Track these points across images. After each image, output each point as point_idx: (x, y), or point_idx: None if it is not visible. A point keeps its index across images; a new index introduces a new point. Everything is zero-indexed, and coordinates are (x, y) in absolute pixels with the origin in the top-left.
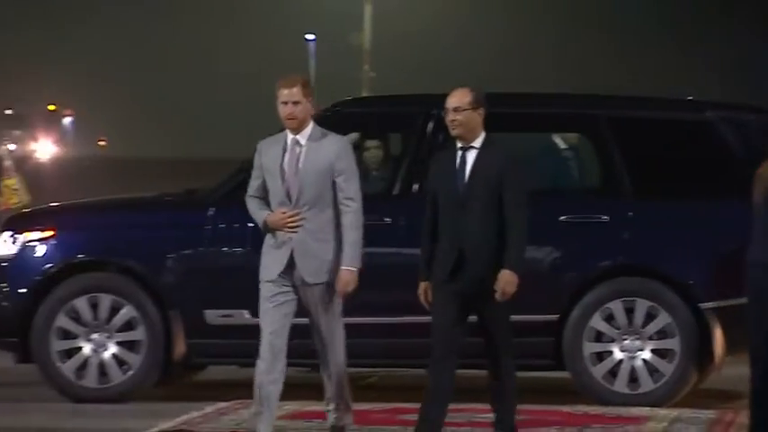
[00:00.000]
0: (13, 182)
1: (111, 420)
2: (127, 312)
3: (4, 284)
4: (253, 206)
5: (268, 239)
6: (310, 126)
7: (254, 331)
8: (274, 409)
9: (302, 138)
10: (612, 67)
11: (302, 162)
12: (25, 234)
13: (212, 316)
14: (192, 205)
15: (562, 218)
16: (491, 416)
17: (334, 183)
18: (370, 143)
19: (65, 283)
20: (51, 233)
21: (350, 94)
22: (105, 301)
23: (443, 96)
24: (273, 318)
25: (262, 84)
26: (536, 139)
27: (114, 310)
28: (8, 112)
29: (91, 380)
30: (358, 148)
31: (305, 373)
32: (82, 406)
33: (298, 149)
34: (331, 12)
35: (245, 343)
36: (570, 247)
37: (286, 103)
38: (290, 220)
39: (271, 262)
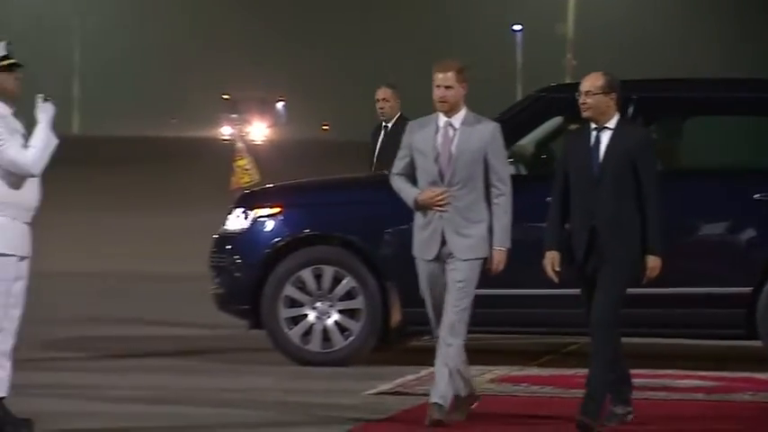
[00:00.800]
0: (244, 162)
1: (333, 382)
2: (348, 283)
3: (237, 257)
4: (400, 184)
5: (418, 218)
6: (463, 110)
7: None
8: (458, 378)
9: (456, 121)
10: None
11: (456, 144)
12: (255, 210)
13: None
14: None
15: (756, 196)
16: (686, 382)
17: (485, 165)
18: (573, 127)
19: (291, 255)
20: (279, 209)
21: (554, 80)
22: (328, 272)
23: (641, 82)
24: (434, 294)
25: (469, 75)
26: (732, 122)
27: (336, 280)
28: (225, 97)
29: (315, 345)
30: (561, 131)
31: (515, 340)
32: (307, 369)
33: (451, 132)
34: (537, 3)
35: None
36: (764, 224)
37: (439, 86)
38: (440, 199)
39: (425, 241)
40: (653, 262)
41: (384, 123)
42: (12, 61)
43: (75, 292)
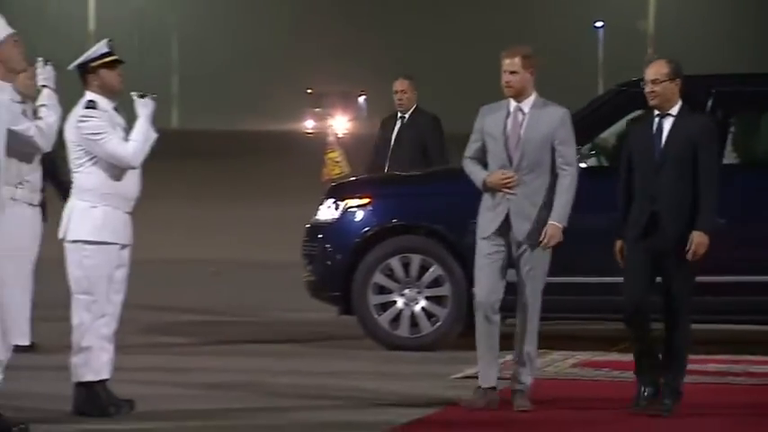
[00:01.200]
0: (335, 154)
1: (421, 366)
2: (435, 271)
3: (328, 245)
4: (471, 167)
5: (485, 199)
6: (533, 95)
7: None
8: (496, 357)
9: (525, 106)
10: None
11: (524, 129)
12: (346, 201)
13: (510, 275)
14: None
15: None
16: (766, 368)
17: (552, 150)
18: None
19: (380, 244)
20: (368, 200)
21: (635, 75)
22: (416, 260)
23: (720, 76)
24: (488, 273)
25: (552, 69)
26: None
27: (423, 268)
28: (309, 91)
29: (404, 330)
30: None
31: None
32: (396, 353)
33: (520, 116)
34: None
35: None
36: None
37: (505, 71)
38: (508, 181)
39: (487, 221)
40: (699, 237)
41: (400, 114)
42: (113, 58)
43: (174, 278)
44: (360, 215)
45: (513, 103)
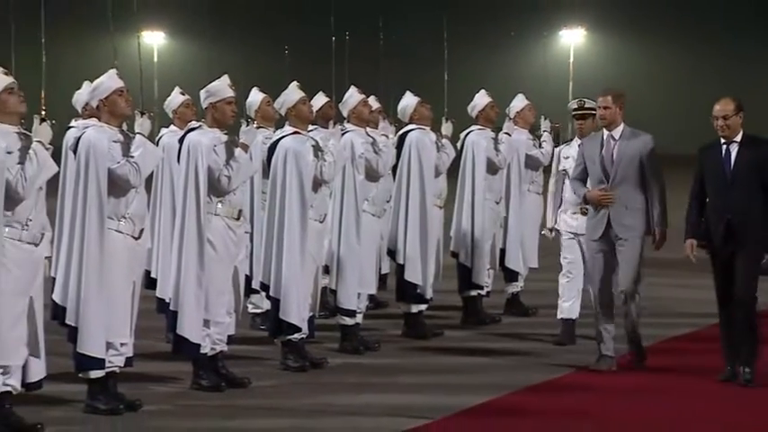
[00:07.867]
0: None
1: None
2: None
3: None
4: (575, 185)
5: (590, 209)
6: (621, 126)
7: None
8: (611, 349)
9: (616, 134)
10: None
11: (616, 152)
12: None
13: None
14: None
15: None
16: None
17: (641, 167)
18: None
19: None
20: None
21: None
22: None
23: None
24: (599, 268)
25: None
26: None
27: None
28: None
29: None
30: None
31: None
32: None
33: (612, 143)
34: None
35: None
36: None
37: (600, 107)
38: (604, 196)
39: (592, 226)
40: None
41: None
42: (581, 112)
43: None
44: None
45: (606, 133)
